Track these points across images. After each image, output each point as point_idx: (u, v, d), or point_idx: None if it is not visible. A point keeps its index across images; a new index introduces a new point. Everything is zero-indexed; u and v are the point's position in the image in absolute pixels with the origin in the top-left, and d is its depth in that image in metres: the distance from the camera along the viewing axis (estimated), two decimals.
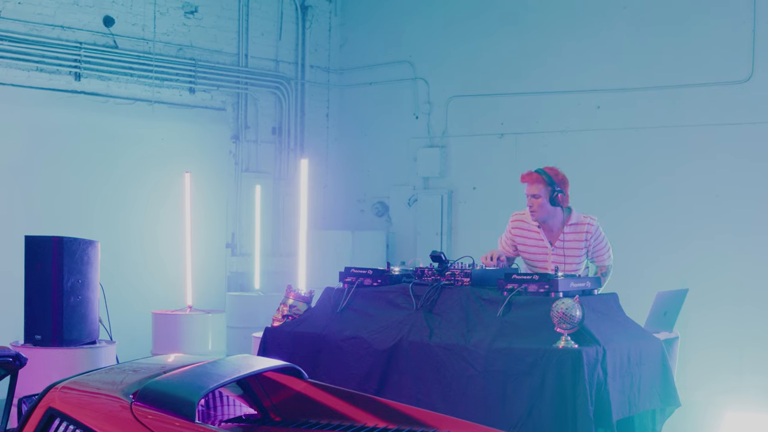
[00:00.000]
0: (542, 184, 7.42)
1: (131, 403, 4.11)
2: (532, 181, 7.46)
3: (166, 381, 4.33)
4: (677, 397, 6.78)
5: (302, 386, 5.19)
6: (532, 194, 7.45)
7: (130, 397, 4.16)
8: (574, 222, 7.52)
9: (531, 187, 7.46)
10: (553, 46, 11.99)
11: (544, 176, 7.45)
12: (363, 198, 13.61)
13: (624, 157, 11.38)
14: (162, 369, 4.56)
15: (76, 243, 7.62)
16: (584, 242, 7.50)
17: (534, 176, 7.48)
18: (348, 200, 13.70)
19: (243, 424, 5.15)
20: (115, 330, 10.09)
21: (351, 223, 13.42)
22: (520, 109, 12.22)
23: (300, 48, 13.42)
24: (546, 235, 7.56)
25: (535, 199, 7.45)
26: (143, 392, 4.18)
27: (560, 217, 7.53)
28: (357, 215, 13.60)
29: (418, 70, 13.11)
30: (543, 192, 7.42)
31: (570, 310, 6.09)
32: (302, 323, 7.06)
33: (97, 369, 4.84)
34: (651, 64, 11.27)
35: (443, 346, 6.45)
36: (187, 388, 4.26)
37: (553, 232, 7.55)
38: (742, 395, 10.14)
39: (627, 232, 11.17)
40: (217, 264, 12.47)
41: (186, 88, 12.21)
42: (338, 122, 13.88)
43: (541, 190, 7.42)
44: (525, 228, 7.65)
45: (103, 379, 4.44)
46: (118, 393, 4.18)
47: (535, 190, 7.43)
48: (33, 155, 10.76)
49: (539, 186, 7.43)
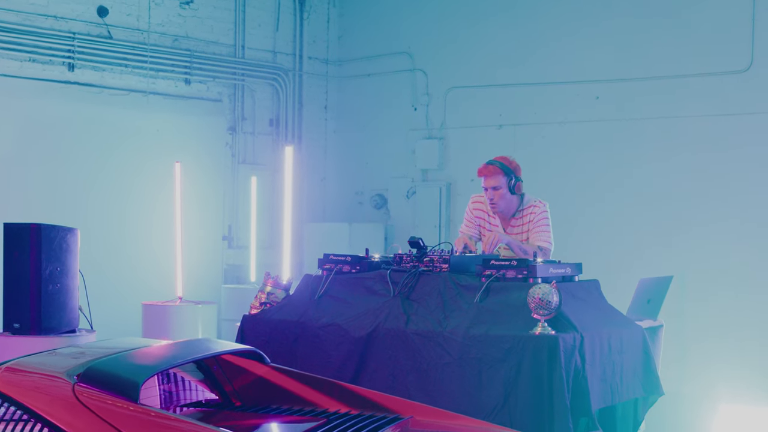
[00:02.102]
0: (501, 174, 7.40)
1: (74, 384, 4.01)
2: (490, 174, 7.43)
3: (111, 361, 4.23)
4: (660, 385, 6.66)
5: (264, 370, 5.09)
6: (492, 186, 7.41)
7: (74, 378, 4.06)
8: (524, 206, 7.52)
9: (490, 179, 7.42)
10: (552, 37, 11.88)
11: (501, 167, 7.41)
12: (362, 190, 13.52)
13: (622, 148, 11.28)
14: (113, 351, 4.47)
15: (54, 230, 7.53)
16: (528, 224, 7.48)
17: (492, 168, 7.43)
18: (346, 192, 13.61)
19: (203, 409, 5.06)
20: (106, 321, 10.04)
21: (349, 215, 13.33)
22: (519, 100, 12.12)
23: (298, 39, 13.33)
24: (500, 222, 7.57)
25: (495, 191, 7.42)
26: (87, 373, 4.08)
27: (515, 203, 7.53)
28: (356, 207, 13.51)
29: (417, 61, 13.01)
30: (503, 182, 7.41)
31: (547, 296, 5.98)
32: (280, 310, 6.96)
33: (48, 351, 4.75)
34: (650, 54, 11.16)
35: (419, 333, 6.35)
36: (133, 369, 4.17)
37: (506, 219, 7.56)
38: (736, 387, 10.01)
39: (624, 223, 11.09)
40: (213, 256, 12.39)
41: (182, 80, 12.13)
42: (336, 114, 13.78)
43: (500, 180, 7.41)
44: (484, 211, 7.66)
45: (49, 360, 4.35)
46: (63, 374, 4.08)
47: (495, 182, 7.41)
48: (26, 146, 10.68)
49: (498, 177, 7.41)
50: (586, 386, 6.03)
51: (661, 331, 7.26)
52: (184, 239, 11.09)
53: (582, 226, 11.32)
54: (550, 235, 7.47)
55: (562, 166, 11.66)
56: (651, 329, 7.07)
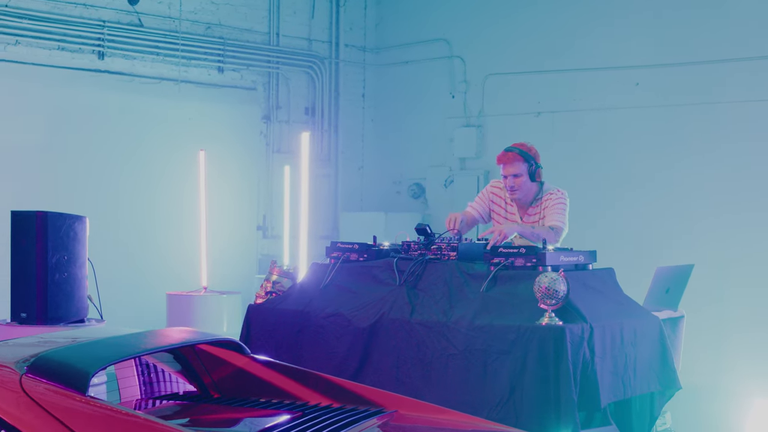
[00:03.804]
0: (521, 161, 7.23)
1: (22, 375, 3.83)
2: (510, 161, 7.25)
3: (63, 352, 4.05)
4: (677, 379, 6.38)
5: (243, 362, 4.90)
6: (512, 174, 7.23)
7: (24, 369, 3.88)
8: (543, 195, 7.33)
9: (509, 167, 7.24)
10: (591, 22, 11.58)
11: (521, 153, 7.24)
12: (399, 179, 13.30)
13: (662, 135, 10.94)
14: (75, 341, 4.29)
15: (61, 218, 7.40)
16: (544, 210, 7.27)
17: (511, 155, 7.26)
18: (384, 182, 13.40)
19: (180, 402, 4.87)
20: (132, 311, 9.96)
21: (387, 204, 13.11)
22: (557, 86, 11.82)
23: (334, 27, 13.12)
24: (518, 210, 7.37)
25: (516, 179, 7.24)
26: (36, 363, 3.88)
27: (534, 191, 7.33)
28: (393, 197, 13.29)
29: (455, 48, 12.76)
30: (523, 170, 7.24)
31: (554, 285, 5.74)
32: (285, 300, 6.79)
33: (11, 339, 4.59)
34: (690, 38, 10.80)
35: (424, 323, 6.14)
36: (85, 359, 3.97)
37: (524, 207, 7.36)
38: None
39: (665, 210, 10.77)
40: (248, 246, 12.25)
41: (215, 68, 11.99)
42: (374, 102, 13.56)
43: (521, 168, 7.24)
44: (501, 197, 7.47)
45: (4, 349, 4.18)
46: (13, 364, 3.89)
47: (516, 169, 7.23)
48: (55, 135, 10.60)
49: (518, 164, 7.23)
50: (595, 379, 5.79)
51: (682, 322, 6.95)
52: (218, 229, 10.99)
53: (620, 214, 11.08)
54: (564, 217, 7.25)
55: (601, 152, 11.37)
56: (671, 320, 6.79)
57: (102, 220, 10.54)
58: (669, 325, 6.69)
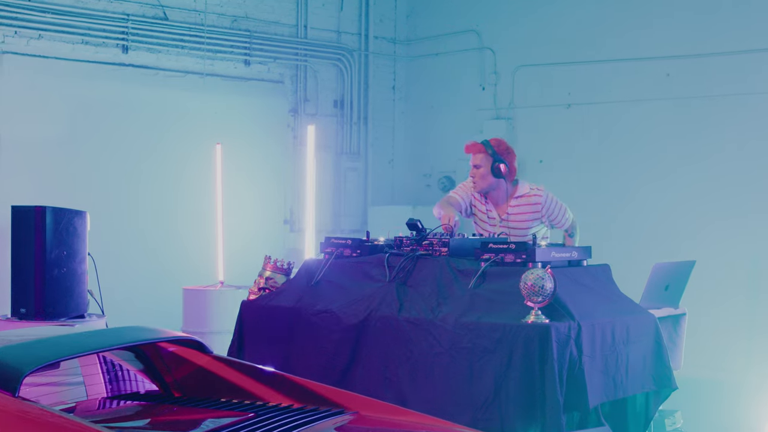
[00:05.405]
0: (483, 154, 7.31)
1: None
2: (474, 152, 7.37)
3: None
4: (673, 378, 6.18)
5: (205, 360, 4.81)
6: (474, 164, 7.35)
7: None
8: (520, 194, 7.36)
9: (473, 157, 7.36)
10: (621, 13, 11.38)
11: (487, 147, 7.30)
12: (429, 172, 13.16)
13: (694, 126, 10.74)
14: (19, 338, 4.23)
15: (60, 213, 7.39)
16: (534, 214, 7.32)
17: (476, 147, 7.38)
18: (414, 175, 13.28)
19: (141, 402, 4.79)
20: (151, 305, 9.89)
21: (417, 197, 12.99)
22: (588, 78, 11.64)
23: (363, 18, 13.01)
24: (495, 208, 7.39)
25: (476, 170, 7.34)
26: None
27: (504, 189, 7.34)
28: (423, 190, 13.15)
29: (485, 39, 12.60)
30: (484, 162, 7.29)
31: (540, 282, 5.58)
32: (278, 296, 6.69)
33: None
34: (722, 29, 10.58)
35: (411, 320, 6.01)
36: (19, 359, 3.89)
37: (499, 205, 7.39)
38: None
39: (697, 203, 10.56)
40: (275, 240, 12.16)
41: (241, 61, 11.92)
42: (405, 95, 13.44)
43: (482, 160, 7.30)
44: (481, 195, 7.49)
45: None
46: None
47: (477, 160, 7.33)
48: (79, 129, 10.58)
49: (480, 156, 7.32)
50: (583, 380, 5.62)
51: (684, 320, 6.75)
52: (243, 223, 10.93)
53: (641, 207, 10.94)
54: (567, 211, 7.41)
55: (630, 144, 11.18)
56: (672, 317, 6.61)
57: (123, 214, 10.56)
58: (670, 322, 6.52)
